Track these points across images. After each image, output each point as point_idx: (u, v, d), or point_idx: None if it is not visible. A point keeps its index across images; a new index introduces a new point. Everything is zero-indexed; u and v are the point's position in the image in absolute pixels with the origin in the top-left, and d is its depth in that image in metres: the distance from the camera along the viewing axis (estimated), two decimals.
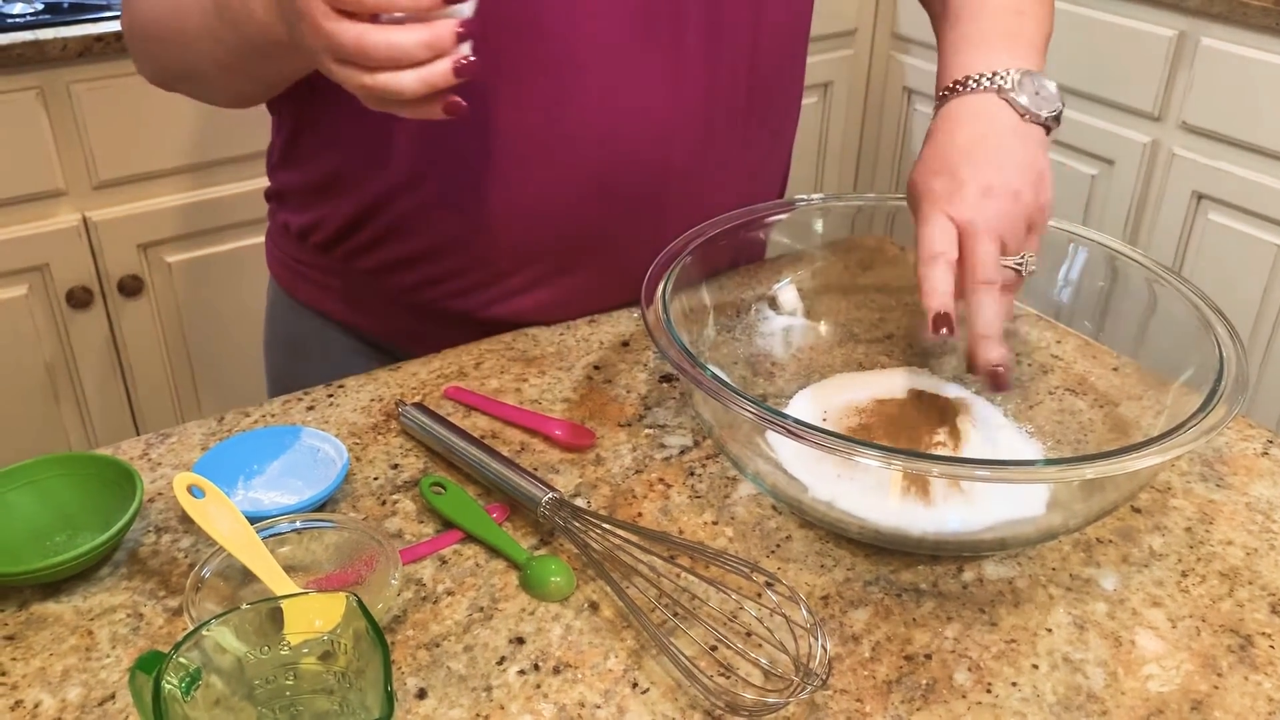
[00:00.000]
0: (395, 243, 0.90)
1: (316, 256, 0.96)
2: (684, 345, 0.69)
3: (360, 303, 0.96)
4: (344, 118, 0.86)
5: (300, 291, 0.99)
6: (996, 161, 0.73)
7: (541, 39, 0.80)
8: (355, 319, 0.97)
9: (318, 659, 0.54)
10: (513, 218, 0.87)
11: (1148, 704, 0.60)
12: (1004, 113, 0.75)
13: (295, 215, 0.96)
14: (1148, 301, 0.80)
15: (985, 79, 0.76)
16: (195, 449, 0.77)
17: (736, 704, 0.58)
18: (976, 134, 0.74)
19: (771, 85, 0.93)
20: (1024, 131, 0.75)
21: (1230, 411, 0.64)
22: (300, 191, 0.95)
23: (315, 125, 0.90)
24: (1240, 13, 1.75)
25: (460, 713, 0.58)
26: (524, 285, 0.91)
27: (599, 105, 0.83)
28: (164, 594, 0.65)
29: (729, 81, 0.87)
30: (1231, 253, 1.86)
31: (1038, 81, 0.76)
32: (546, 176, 0.85)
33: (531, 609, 0.65)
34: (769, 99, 0.93)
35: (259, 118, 0.97)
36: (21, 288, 1.67)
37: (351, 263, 0.93)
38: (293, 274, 0.99)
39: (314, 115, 0.90)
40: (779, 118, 0.97)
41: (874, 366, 0.87)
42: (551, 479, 0.75)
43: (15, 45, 1.54)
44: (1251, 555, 0.70)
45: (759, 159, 0.95)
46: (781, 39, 0.92)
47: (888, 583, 0.67)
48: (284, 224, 0.97)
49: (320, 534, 0.65)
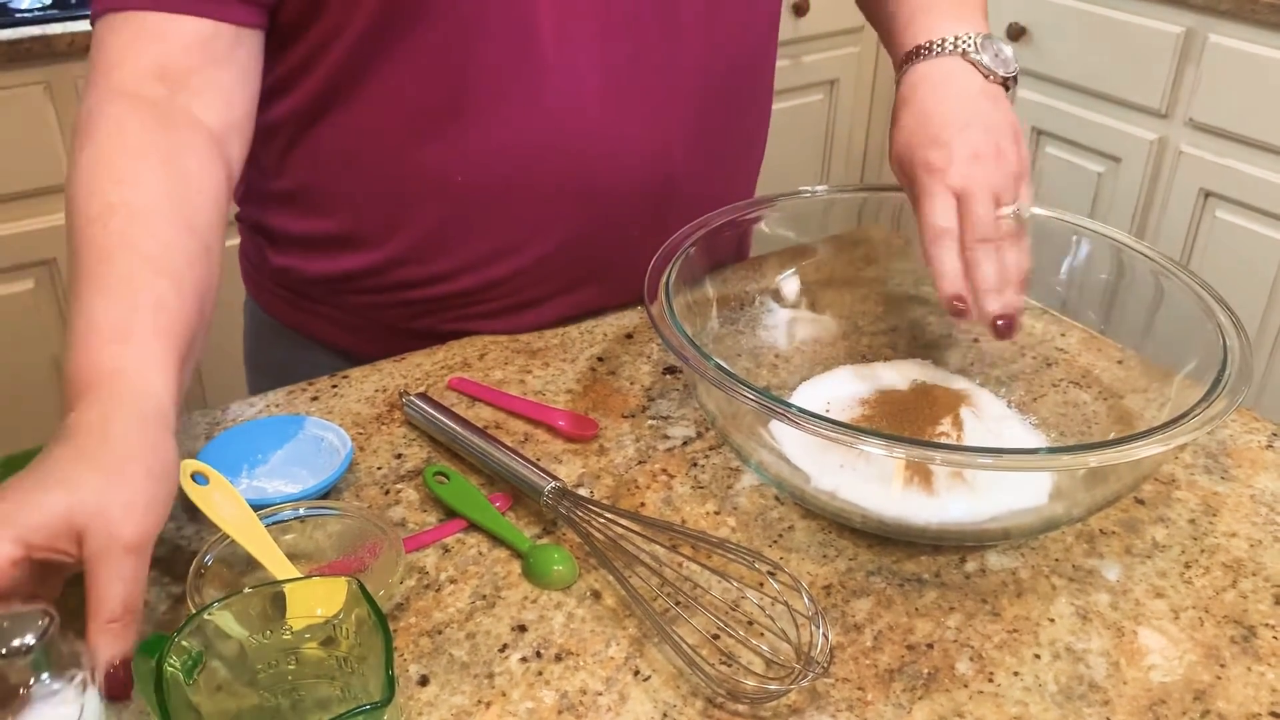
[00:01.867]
0: (405, 282, 0.88)
1: (310, 289, 0.93)
2: (688, 335, 0.69)
3: (355, 328, 0.93)
4: (363, 176, 0.84)
5: (287, 317, 0.96)
6: (978, 124, 0.76)
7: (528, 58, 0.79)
8: (349, 342, 0.94)
9: (320, 644, 0.54)
10: (509, 248, 0.86)
11: (1150, 694, 0.60)
12: (971, 75, 0.79)
13: (293, 259, 0.92)
14: (1152, 293, 0.80)
15: (949, 43, 0.79)
16: (199, 438, 0.77)
17: (738, 691, 0.58)
18: (951, 98, 0.78)
19: (736, 89, 0.91)
20: (991, 92, 0.79)
21: (1233, 402, 0.64)
22: (302, 239, 0.90)
23: (333, 180, 0.86)
24: (1248, 9, 1.75)
25: (462, 699, 0.58)
26: (527, 303, 0.90)
27: (565, 127, 0.81)
28: (167, 580, 0.65)
29: (689, 91, 0.86)
30: (1239, 250, 1.86)
31: (995, 44, 0.80)
32: (530, 202, 0.84)
33: (534, 597, 0.65)
34: (734, 106, 0.91)
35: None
36: (28, 282, 1.67)
37: (353, 297, 0.91)
38: (276, 299, 0.96)
39: (333, 172, 0.86)
40: (749, 126, 0.96)
41: (878, 359, 0.87)
42: (555, 469, 0.75)
43: (23, 40, 1.55)
44: (1256, 547, 0.70)
45: (730, 168, 0.94)
46: (741, 40, 0.89)
47: (890, 573, 0.67)
48: (278, 265, 0.93)
49: (324, 522, 0.66)
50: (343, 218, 0.87)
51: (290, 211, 0.90)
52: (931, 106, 0.78)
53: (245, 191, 0.93)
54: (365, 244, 0.87)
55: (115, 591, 0.52)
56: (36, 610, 0.49)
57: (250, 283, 1.00)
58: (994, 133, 0.77)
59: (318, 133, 0.84)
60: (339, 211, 0.87)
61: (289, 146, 0.85)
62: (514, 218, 0.85)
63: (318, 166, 0.86)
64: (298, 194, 0.88)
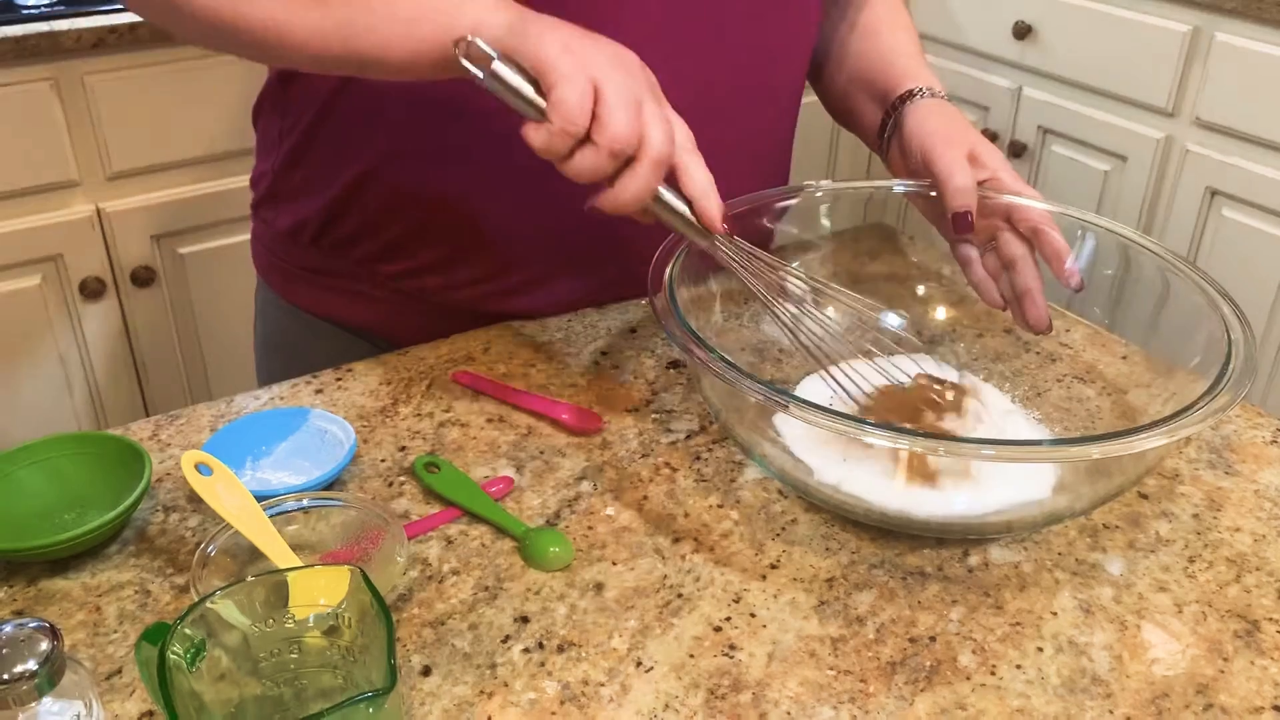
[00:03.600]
0: (420, 246, 0.89)
1: (322, 258, 0.94)
2: (691, 329, 0.69)
3: (365, 299, 0.94)
4: (370, 121, 0.86)
5: (299, 295, 0.97)
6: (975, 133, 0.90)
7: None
8: (358, 316, 0.95)
9: (323, 634, 0.54)
10: (528, 214, 0.87)
11: (1153, 687, 0.60)
12: (951, 107, 0.92)
13: (298, 212, 0.93)
14: (1158, 289, 0.80)
15: (929, 91, 0.92)
16: (204, 430, 0.77)
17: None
18: (955, 120, 0.90)
19: (774, 89, 0.93)
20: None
21: (1237, 395, 0.63)
22: (309, 190, 0.92)
23: (336, 125, 0.89)
24: (1255, 8, 1.74)
25: (464, 689, 0.58)
26: (535, 280, 0.91)
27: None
28: (171, 571, 0.66)
29: (728, 88, 0.87)
30: (1245, 249, 1.85)
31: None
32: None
33: (536, 588, 0.65)
34: (770, 111, 0.93)
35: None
36: (35, 278, 1.68)
37: (367, 264, 0.92)
38: (288, 277, 0.97)
39: (337, 116, 0.88)
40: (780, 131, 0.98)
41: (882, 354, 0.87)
42: (558, 463, 0.75)
43: (30, 36, 1.55)
44: (1260, 542, 0.70)
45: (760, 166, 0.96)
46: (744, 60, 0.91)
47: (893, 566, 0.67)
48: (286, 224, 0.95)
49: (327, 513, 0.66)
50: (350, 157, 0.88)
51: (299, 168, 0.92)
52: (943, 124, 0.88)
53: (267, 164, 0.96)
54: (372, 186, 0.88)
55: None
56: (42, 631, 0.49)
57: (263, 264, 1.01)
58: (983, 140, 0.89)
59: (356, 91, 0.85)
60: (344, 152, 0.89)
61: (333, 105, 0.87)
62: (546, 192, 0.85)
63: (335, 110, 0.87)
64: (308, 143, 0.90)
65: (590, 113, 0.66)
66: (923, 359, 0.85)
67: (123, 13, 1.63)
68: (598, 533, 0.69)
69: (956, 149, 0.85)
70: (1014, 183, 0.85)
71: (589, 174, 0.67)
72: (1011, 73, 2.16)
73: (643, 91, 0.68)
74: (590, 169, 0.67)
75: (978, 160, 0.86)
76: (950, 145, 0.86)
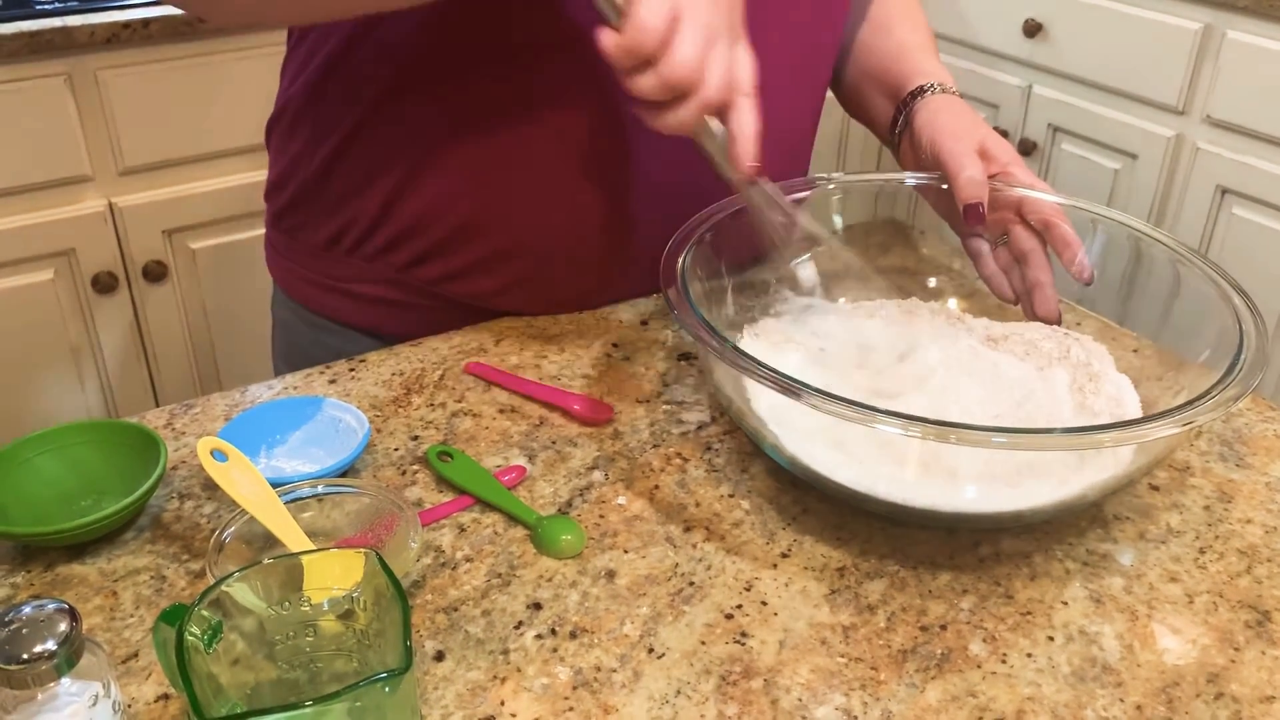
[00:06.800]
0: (451, 251, 0.89)
1: (362, 267, 0.92)
2: (704, 319, 0.69)
3: (401, 308, 0.93)
4: (411, 128, 0.85)
5: (332, 308, 0.96)
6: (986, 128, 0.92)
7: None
8: (395, 326, 0.93)
9: (338, 618, 0.54)
10: (564, 224, 0.87)
11: (1164, 676, 0.60)
12: (961, 102, 0.93)
13: (336, 223, 0.92)
14: (1169, 282, 0.80)
15: (939, 86, 0.93)
16: (218, 419, 0.78)
17: None
18: (965, 115, 0.92)
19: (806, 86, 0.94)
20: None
21: (1248, 386, 0.63)
22: (347, 199, 0.91)
23: (374, 134, 0.87)
24: (1267, 5, 1.74)
25: (478, 675, 0.59)
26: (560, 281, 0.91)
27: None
28: (187, 557, 0.66)
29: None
30: (1256, 247, 1.85)
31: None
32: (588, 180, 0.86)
33: (549, 575, 0.65)
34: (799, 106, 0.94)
35: None
36: (48, 272, 1.69)
37: (402, 271, 0.91)
38: (313, 287, 0.96)
39: (378, 122, 0.87)
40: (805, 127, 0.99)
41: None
42: (570, 453, 0.76)
43: (44, 31, 1.56)
44: (1271, 533, 0.70)
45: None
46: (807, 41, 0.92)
47: (904, 555, 0.68)
48: (322, 236, 0.93)
49: (341, 500, 0.66)
50: (390, 163, 0.88)
51: (334, 178, 0.91)
52: (954, 120, 0.90)
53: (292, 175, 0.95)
54: (410, 193, 0.88)
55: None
56: (61, 613, 0.50)
57: (286, 276, 1.00)
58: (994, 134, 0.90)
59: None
60: (383, 158, 0.88)
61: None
62: (569, 197, 0.86)
63: (375, 116, 0.87)
64: (345, 149, 0.89)
65: (661, 38, 0.67)
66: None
67: (136, 9, 1.64)
68: (609, 521, 0.69)
69: (967, 142, 0.86)
70: (1025, 176, 0.86)
71: (645, 95, 0.69)
72: (1022, 71, 2.16)
73: (720, 29, 0.69)
74: (647, 91, 0.68)
75: (988, 154, 0.86)
76: (960, 139, 0.87)
